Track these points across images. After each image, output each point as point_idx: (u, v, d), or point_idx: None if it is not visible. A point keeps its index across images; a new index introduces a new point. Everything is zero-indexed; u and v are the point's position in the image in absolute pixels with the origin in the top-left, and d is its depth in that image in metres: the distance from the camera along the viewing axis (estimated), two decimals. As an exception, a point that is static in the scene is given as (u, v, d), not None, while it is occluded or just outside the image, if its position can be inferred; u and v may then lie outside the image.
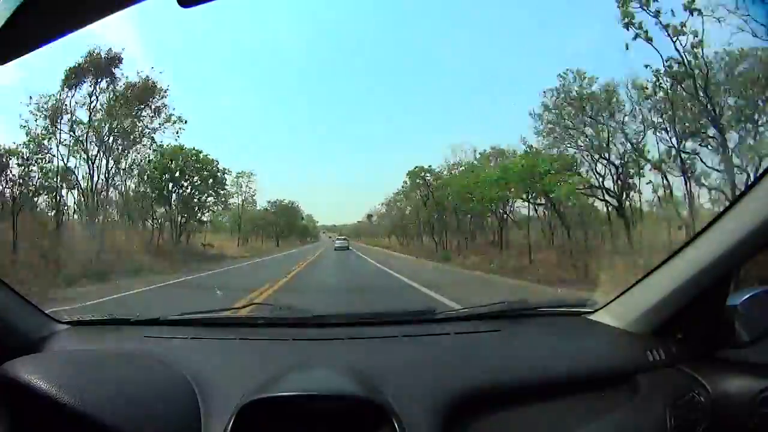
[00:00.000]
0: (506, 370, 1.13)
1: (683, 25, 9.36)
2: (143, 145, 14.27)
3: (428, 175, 18.39)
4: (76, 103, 12.77)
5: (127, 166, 14.07)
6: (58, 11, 0.63)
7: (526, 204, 14.08)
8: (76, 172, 12.90)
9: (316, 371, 1.08)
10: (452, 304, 4.44)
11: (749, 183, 1.02)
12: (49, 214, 12.45)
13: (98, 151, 13.17)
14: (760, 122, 9.48)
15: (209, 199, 16.25)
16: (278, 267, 12.33)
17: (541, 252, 12.25)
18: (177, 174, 15.31)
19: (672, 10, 9.43)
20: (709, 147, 9.88)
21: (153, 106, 14.02)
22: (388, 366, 1.09)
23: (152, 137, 14.28)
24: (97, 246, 11.34)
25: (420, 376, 1.05)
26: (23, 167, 11.91)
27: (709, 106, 9.63)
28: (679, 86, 10.02)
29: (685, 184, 10.21)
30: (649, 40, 9.69)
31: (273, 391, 0.93)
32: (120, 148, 13.72)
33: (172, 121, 14.20)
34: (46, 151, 12.31)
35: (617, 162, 11.58)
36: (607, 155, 11.64)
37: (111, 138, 13.41)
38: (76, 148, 12.84)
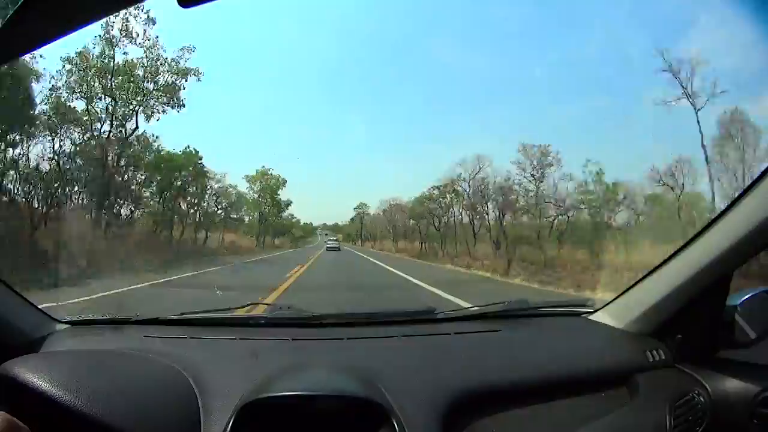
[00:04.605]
0: (506, 370, 1.13)
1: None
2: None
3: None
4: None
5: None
6: (58, 11, 0.63)
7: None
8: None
9: (316, 371, 1.08)
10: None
11: (748, 184, 1.03)
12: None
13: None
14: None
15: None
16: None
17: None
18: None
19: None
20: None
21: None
22: (387, 366, 1.08)
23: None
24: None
25: (420, 376, 1.05)
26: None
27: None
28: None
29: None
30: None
31: (273, 391, 0.93)
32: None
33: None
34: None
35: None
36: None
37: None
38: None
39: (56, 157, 11.95)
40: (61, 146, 12.10)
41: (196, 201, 16.60)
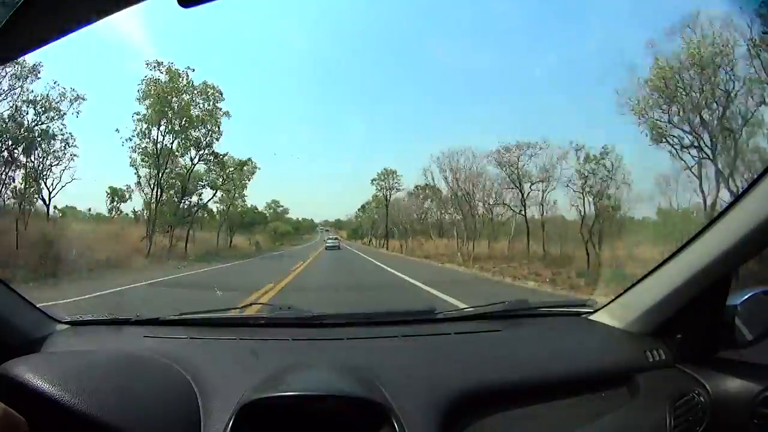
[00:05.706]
0: (506, 370, 1.13)
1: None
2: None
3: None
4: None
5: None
6: (58, 11, 0.63)
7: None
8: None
9: (316, 371, 1.07)
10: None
11: (749, 184, 1.03)
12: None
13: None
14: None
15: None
16: None
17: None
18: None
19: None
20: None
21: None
22: (387, 366, 1.08)
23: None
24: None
25: (420, 376, 1.05)
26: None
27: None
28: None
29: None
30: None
31: (273, 391, 0.93)
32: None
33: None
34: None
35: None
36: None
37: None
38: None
39: None
40: None
41: None
